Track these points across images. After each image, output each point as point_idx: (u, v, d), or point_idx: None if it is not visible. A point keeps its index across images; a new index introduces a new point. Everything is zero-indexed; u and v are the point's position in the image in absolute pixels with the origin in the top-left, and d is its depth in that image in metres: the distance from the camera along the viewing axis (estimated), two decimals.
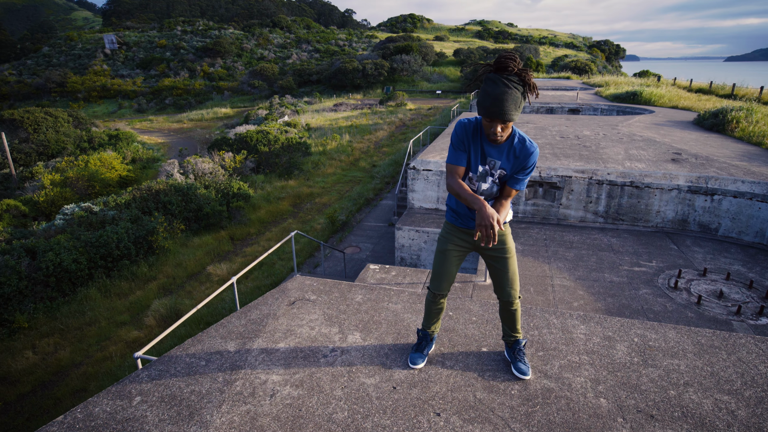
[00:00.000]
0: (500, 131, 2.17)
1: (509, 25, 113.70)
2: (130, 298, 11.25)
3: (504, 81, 2.04)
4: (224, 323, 3.28)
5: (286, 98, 47.15)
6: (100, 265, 11.64)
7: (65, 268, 10.86)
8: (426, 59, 57.40)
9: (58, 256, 10.85)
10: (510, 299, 2.56)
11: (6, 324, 9.92)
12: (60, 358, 9.17)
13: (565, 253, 6.71)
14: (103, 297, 11.18)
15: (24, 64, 71.49)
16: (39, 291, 10.68)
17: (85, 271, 11.27)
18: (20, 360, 9.14)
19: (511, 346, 2.78)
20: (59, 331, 10.02)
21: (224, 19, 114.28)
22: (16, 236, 12.51)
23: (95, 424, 2.34)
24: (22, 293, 10.32)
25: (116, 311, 10.68)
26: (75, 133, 35.11)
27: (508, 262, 2.50)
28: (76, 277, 11.14)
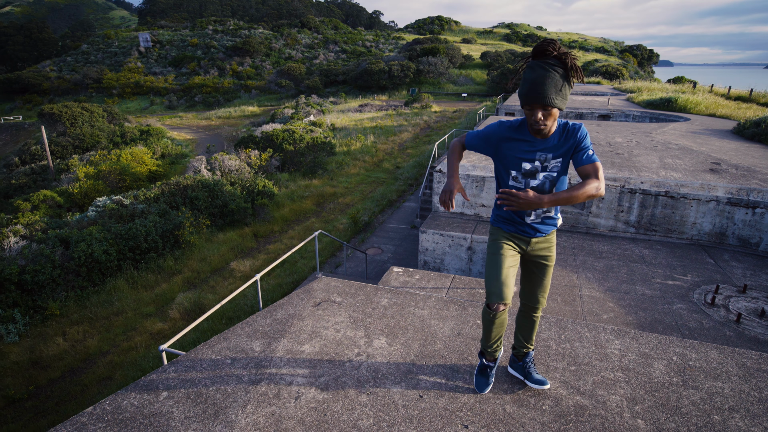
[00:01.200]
0: (542, 118, 2.01)
1: (538, 29, 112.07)
2: (155, 290, 11.49)
3: (541, 64, 1.94)
4: (250, 321, 3.28)
5: (312, 98, 47.59)
6: (129, 257, 11.93)
7: (96, 258, 11.17)
8: (452, 62, 57.07)
9: (89, 246, 11.17)
10: (537, 305, 2.46)
11: (40, 310, 10.27)
12: (88, 346, 9.43)
13: (594, 263, 6.51)
14: (131, 288, 11.46)
15: (64, 61, 74.26)
16: (71, 280, 11.02)
17: (114, 263, 11.57)
18: (52, 346, 9.44)
19: (521, 359, 2.64)
20: (88, 319, 10.32)
21: (254, 19, 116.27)
22: (51, 226, 12.96)
23: (123, 417, 2.36)
24: (55, 281, 10.67)
25: (142, 303, 10.93)
26: (109, 127, 36.21)
27: (548, 270, 2.39)
28: (106, 268, 11.45)
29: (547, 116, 2.02)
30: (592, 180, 2.01)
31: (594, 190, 1.99)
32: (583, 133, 2.11)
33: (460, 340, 3.04)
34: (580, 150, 2.10)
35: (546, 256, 2.37)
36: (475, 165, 8.23)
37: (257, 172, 20.23)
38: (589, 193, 1.98)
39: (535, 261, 2.39)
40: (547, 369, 2.76)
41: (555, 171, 2.17)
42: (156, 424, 2.30)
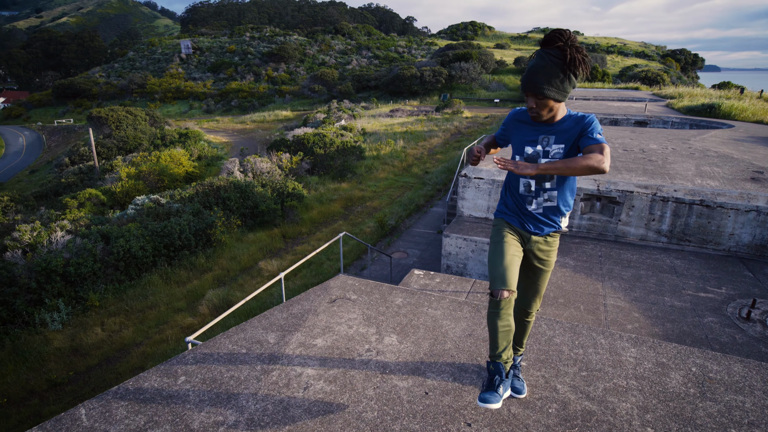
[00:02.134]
0: (534, 107, 2.03)
1: (575, 33, 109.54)
2: (187, 286, 11.92)
3: (543, 54, 1.95)
4: (267, 315, 3.40)
5: (344, 103, 48.20)
6: (163, 254, 12.43)
7: (133, 254, 11.70)
8: (485, 67, 56.60)
9: (128, 242, 11.71)
10: (530, 309, 2.44)
11: (81, 301, 10.84)
12: (123, 337, 9.88)
13: (621, 272, 6.33)
14: (164, 283, 11.92)
15: (112, 67, 78.22)
16: (110, 274, 11.58)
17: (150, 258, 12.08)
18: (91, 335, 9.94)
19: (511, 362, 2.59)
20: (124, 311, 10.81)
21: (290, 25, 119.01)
22: (94, 222, 13.66)
23: (143, 397, 2.50)
24: (96, 274, 11.24)
25: (174, 297, 11.36)
26: (150, 130, 37.83)
27: (543, 275, 2.37)
28: (142, 263, 11.97)
29: (541, 106, 2.03)
30: (596, 154, 1.92)
31: (596, 162, 1.88)
32: (591, 120, 2.06)
33: (471, 341, 3.05)
34: (586, 134, 2.03)
35: (543, 259, 2.34)
36: (501, 170, 8.16)
37: (287, 175, 20.66)
38: (589, 164, 1.88)
39: (531, 262, 2.36)
40: (557, 373, 2.73)
41: (557, 157, 2.12)
42: (173, 405, 2.43)
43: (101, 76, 72.08)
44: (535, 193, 2.21)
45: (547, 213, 2.24)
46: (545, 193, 2.20)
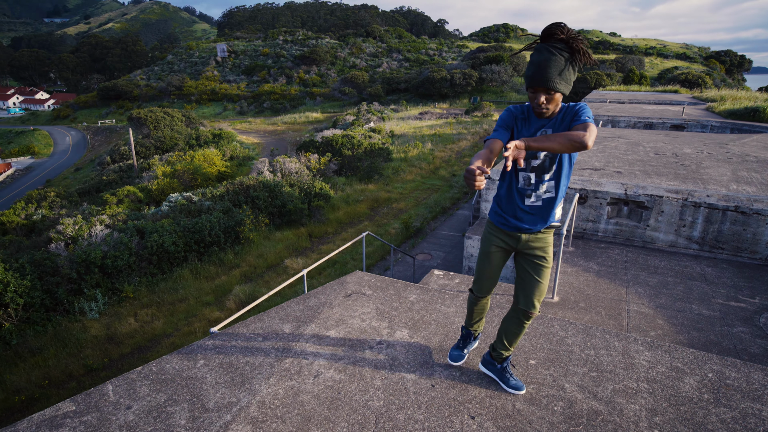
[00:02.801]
0: (544, 102, 2.03)
1: (611, 35, 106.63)
2: (215, 281, 12.30)
3: (547, 47, 1.95)
4: (284, 306, 3.52)
5: (374, 105, 48.52)
6: (194, 249, 12.88)
7: (166, 249, 12.17)
8: (517, 70, 55.82)
9: (161, 237, 12.20)
10: (530, 309, 2.37)
11: (117, 292, 11.36)
12: (155, 328, 10.31)
13: (647, 278, 6.17)
14: (194, 278, 12.35)
15: (152, 70, 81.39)
16: (143, 267, 12.09)
17: (181, 253, 12.54)
18: (125, 325, 10.41)
19: (500, 362, 2.60)
20: (156, 303, 11.26)
21: (322, 29, 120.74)
22: (131, 218, 14.29)
23: (165, 377, 2.65)
24: (131, 267, 11.76)
25: (203, 292, 11.75)
26: (186, 131, 39.13)
27: (542, 270, 2.33)
28: (174, 258, 12.43)
29: (550, 100, 2.04)
30: (579, 130, 1.92)
31: (579, 137, 1.86)
32: (581, 106, 2.07)
33: (481, 339, 3.08)
34: (575, 118, 2.04)
35: (540, 255, 2.32)
36: None
37: (315, 175, 21.00)
38: (572, 138, 1.87)
39: (528, 259, 2.35)
40: (566, 373, 2.73)
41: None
42: (191, 386, 2.57)
43: (142, 79, 75.11)
44: (534, 185, 2.22)
45: (546, 205, 2.25)
46: (544, 185, 2.21)
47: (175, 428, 2.27)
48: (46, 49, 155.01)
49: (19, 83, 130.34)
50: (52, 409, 2.44)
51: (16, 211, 18.86)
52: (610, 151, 9.73)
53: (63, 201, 22.72)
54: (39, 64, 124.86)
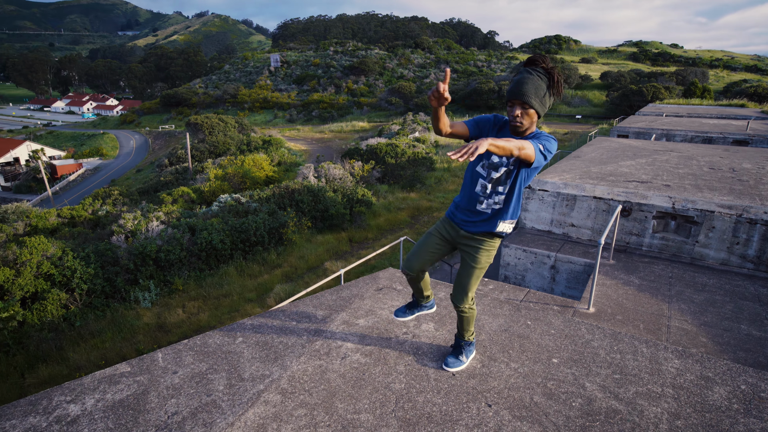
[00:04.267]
0: (518, 115, 2.17)
1: (673, 46, 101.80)
2: (258, 279, 12.82)
3: (529, 70, 2.14)
4: (319, 296, 3.73)
5: (420, 115, 48.79)
6: (239, 248, 13.49)
7: (214, 246, 12.84)
8: (568, 82, 54.42)
9: (210, 235, 12.89)
10: (455, 302, 2.57)
11: (168, 284, 12.10)
12: (200, 320, 10.88)
13: (692, 295, 5.92)
14: (238, 275, 12.93)
15: (210, 79, 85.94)
16: (193, 262, 12.80)
17: (227, 251, 13.18)
18: (173, 315, 11.07)
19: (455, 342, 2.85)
20: (203, 297, 11.89)
21: (372, 40, 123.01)
22: (183, 216, 15.19)
23: (207, 350, 2.91)
24: (181, 261, 12.49)
25: (246, 289, 12.28)
26: (238, 136, 40.95)
27: (468, 270, 2.49)
28: (221, 255, 13.09)
29: (524, 115, 2.18)
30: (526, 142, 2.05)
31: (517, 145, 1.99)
32: (548, 137, 2.22)
33: (505, 336, 3.14)
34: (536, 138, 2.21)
35: (471, 254, 2.47)
36: (566, 183, 7.97)
37: (358, 182, 21.41)
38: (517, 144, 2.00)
39: (462, 255, 2.54)
40: (588, 373, 2.74)
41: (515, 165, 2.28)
42: (230, 359, 2.81)
43: (200, 87, 79.45)
44: (489, 194, 2.38)
45: (493, 215, 2.39)
46: (497, 196, 2.37)
47: (214, 393, 2.51)
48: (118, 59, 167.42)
49: (93, 91, 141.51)
50: (111, 369, 2.74)
51: (84, 207, 20.47)
52: (660, 165, 9.38)
53: (125, 199, 24.44)
54: (111, 73, 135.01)
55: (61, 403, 2.44)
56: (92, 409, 2.38)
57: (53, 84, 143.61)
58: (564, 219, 8.01)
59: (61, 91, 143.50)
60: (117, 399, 2.46)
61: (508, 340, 3.08)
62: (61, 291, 10.69)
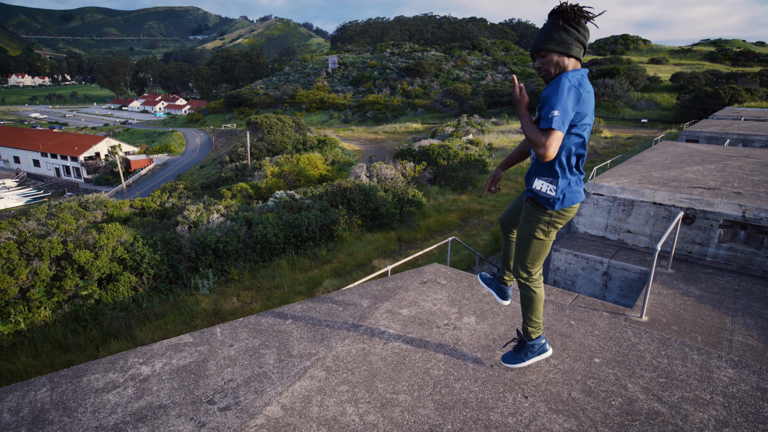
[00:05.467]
0: (540, 66, 2.14)
1: (758, 44, 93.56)
2: (308, 273, 13.27)
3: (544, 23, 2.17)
4: (365, 286, 3.89)
5: (474, 118, 48.17)
6: (292, 242, 14.03)
7: (268, 239, 13.45)
8: (634, 84, 51.60)
9: (265, 228, 13.52)
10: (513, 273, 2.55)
11: (225, 273, 12.83)
12: (253, 309, 11.45)
13: (761, 309, 5.52)
14: (290, 268, 13.45)
15: (270, 80, 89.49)
16: (248, 254, 13.48)
17: (281, 245, 13.75)
18: (228, 303, 11.72)
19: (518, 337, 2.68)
20: (255, 287, 12.49)
21: (429, 42, 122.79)
22: (241, 209, 16.02)
23: (260, 328, 3.15)
24: (238, 253, 13.19)
25: (297, 282, 12.76)
26: (295, 136, 42.35)
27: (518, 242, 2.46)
28: (274, 248, 13.68)
29: (544, 63, 2.13)
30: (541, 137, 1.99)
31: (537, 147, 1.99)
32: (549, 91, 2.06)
33: (546, 333, 3.14)
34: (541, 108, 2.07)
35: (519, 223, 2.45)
36: (624, 188, 7.65)
37: (409, 182, 21.54)
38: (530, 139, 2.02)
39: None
40: (631, 374, 2.70)
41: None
42: (280, 337, 3.03)
43: (261, 88, 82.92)
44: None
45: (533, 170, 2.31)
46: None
47: (265, 365, 2.72)
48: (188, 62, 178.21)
49: (165, 91, 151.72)
50: (176, 338, 3.04)
51: (153, 199, 22.08)
52: (731, 171, 8.76)
53: (189, 193, 26.08)
54: (181, 74, 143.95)
55: (135, 364, 2.76)
56: (160, 371, 2.67)
57: (131, 85, 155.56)
58: (620, 225, 7.69)
59: (138, 91, 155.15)
60: (181, 364, 2.74)
61: (549, 337, 3.09)
62: (131, 274, 11.66)
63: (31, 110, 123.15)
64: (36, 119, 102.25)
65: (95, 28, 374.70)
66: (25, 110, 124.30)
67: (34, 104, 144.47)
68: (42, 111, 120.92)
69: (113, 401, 2.39)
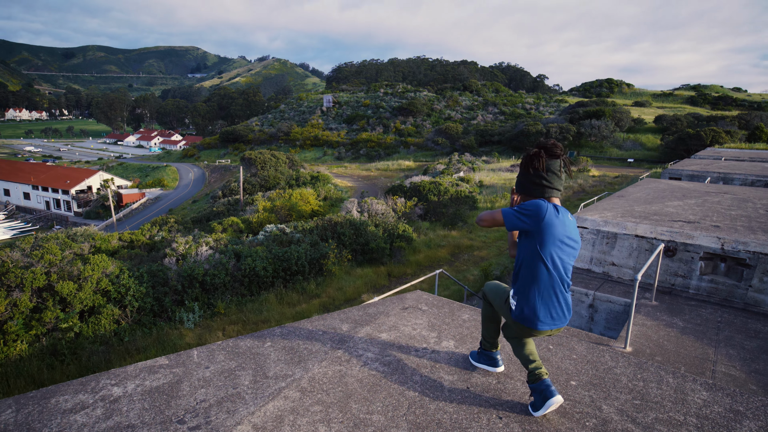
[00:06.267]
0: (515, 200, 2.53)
1: (735, 90, 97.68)
2: (296, 308, 13.10)
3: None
4: (345, 311, 3.89)
5: (465, 156, 49.13)
6: (281, 276, 13.93)
7: (257, 272, 13.35)
8: (619, 125, 53.28)
9: (254, 261, 13.44)
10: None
11: (211, 307, 12.63)
12: None
13: (743, 341, 5.54)
14: (278, 303, 13.29)
15: (266, 118, 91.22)
16: (236, 287, 13.33)
17: (269, 278, 13.64)
18: (213, 337, 11.48)
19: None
20: (242, 321, 12.28)
21: (422, 83, 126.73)
22: (231, 243, 15.96)
23: (238, 351, 3.13)
24: (225, 286, 13.04)
25: (284, 316, 12.57)
26: (288, 172, 42.76)
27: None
28: (262, 282, 13.55)
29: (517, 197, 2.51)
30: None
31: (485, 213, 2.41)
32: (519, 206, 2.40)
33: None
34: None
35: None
36: (607, 221, 7.80)
37: (400, 218, 21.68)
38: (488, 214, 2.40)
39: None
40: (606, 396, 2.70)
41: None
42: (257, 359, 3.01)
43: (257, 125, 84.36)
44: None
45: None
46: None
47: (240, 386, 2.69)
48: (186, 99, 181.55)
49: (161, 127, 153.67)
50: (151, 361, 3.01)
51: (143, 232, 21.94)
52: (711, 205, 8.99)
53: (179, 226, 25.97)
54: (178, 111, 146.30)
55: (107, 385, 2.71)
56: (132, 392, 2.63)
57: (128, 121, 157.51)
58: (604, 257, 7.79)
59: (134, 127, 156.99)
60: (154, 385, 2.70)
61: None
62: (114, 307, 11.44)
63: (25, 144, 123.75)
64: (30, 152, 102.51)
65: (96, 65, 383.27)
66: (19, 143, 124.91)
67: (29, 138, 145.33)
68: (36, 144, 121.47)
69: (80, 422, 2.34)
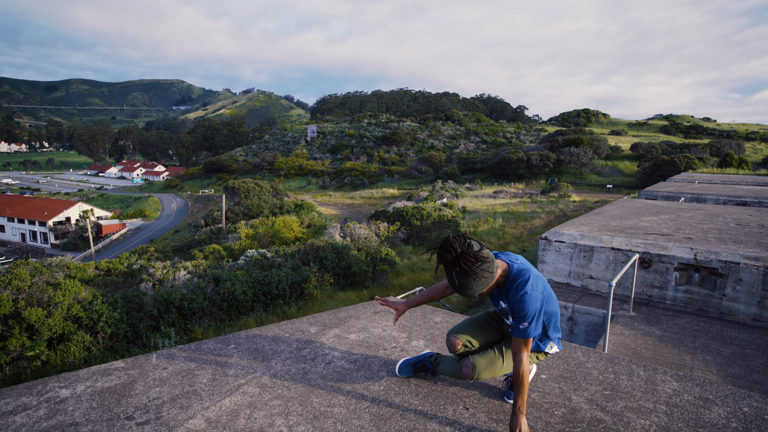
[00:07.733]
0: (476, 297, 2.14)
1: (705, 120, 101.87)
2: None
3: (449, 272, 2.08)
4: (315, 316, 3.80)
5: (448, 183, 49.73)
6: (261, 300, 13.63)
7: (236, 297, 13.05)
8: (597, 152, 54.82)
9: (233, 285, 13.16)
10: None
11: (188, 332, 12.23)
12: None
13: (719, 347, 5.56)
14: (257, 327, 12.95)
15: (250, 148, 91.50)
16: (214, 312, 12.98)
17: (249, 303, 13.33)
18: None
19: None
20: None
21: (405, 114, 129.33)
22: (211, 267, 15.64)
23: (199, 353, 3.01)
24: (203, 311, 12.69)
25: None
26: (272, 200, 42.60)
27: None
28: (242, 306, 13.23)
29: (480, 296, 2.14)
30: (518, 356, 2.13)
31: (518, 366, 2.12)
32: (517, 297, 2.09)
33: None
34: (515, 318, 2.14)
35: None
36: (583, 234, 7.89)
37: (383, 242, 21.62)
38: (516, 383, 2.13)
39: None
40: (576, 388, 2.65)
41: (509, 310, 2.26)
42: (219, 360, 2.89)
43: (241, 155, 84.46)
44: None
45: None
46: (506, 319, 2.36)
47: (197, 384, 2.57)
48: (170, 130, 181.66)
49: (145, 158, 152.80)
50: (106, 364, 2.86)
51: (121, 261, 21.42)
52: (683, 220, 9.19)
53: (159, 254, 25.43)
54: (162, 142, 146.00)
55: (54, 387, 2.56)
56: (81, 394, 2.49)
57: (110, 152, 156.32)
58: (582, 271, 7.83)
59: (117, 158, 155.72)
60: (106, 386, 2.56)
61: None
62: (86, 333, 10.99)
63: (2, 176, 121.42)
64: (7, 185, 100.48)
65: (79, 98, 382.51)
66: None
67: (6, 170, 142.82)
68: (14, 177, 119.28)
69: (19, 422, 2.19)
